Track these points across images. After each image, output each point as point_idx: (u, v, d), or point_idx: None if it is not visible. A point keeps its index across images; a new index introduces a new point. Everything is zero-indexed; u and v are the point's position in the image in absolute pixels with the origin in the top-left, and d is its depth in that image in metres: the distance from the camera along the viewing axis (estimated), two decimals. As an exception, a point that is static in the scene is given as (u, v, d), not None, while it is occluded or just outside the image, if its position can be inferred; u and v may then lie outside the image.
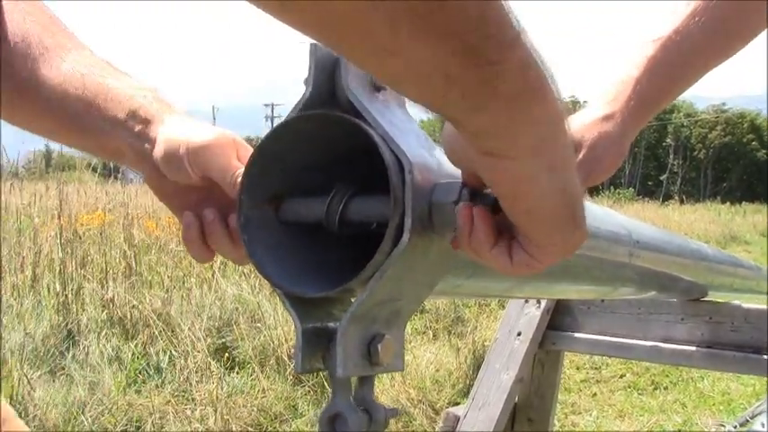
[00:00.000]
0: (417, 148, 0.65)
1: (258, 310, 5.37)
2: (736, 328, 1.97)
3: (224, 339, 5.05)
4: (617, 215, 1.20)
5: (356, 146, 0.64)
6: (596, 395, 5.59)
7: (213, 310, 5.33)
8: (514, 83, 0.45)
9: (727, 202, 40.63)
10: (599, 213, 1.07)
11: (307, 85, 0.67)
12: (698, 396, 5.55)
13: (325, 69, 0.68)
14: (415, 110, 0.60)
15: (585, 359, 6.25)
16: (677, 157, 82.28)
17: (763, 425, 3.91)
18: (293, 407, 4.39)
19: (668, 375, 5.98)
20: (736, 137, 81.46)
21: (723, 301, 2.03)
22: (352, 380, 0.66)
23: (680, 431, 4.78)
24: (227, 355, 4.81)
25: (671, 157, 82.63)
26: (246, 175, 0.69)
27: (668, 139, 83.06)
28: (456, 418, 2.35)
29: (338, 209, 0.67)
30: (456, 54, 0.42)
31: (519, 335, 2.30)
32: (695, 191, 71.76)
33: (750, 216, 30.98)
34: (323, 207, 0.68)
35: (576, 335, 2.23)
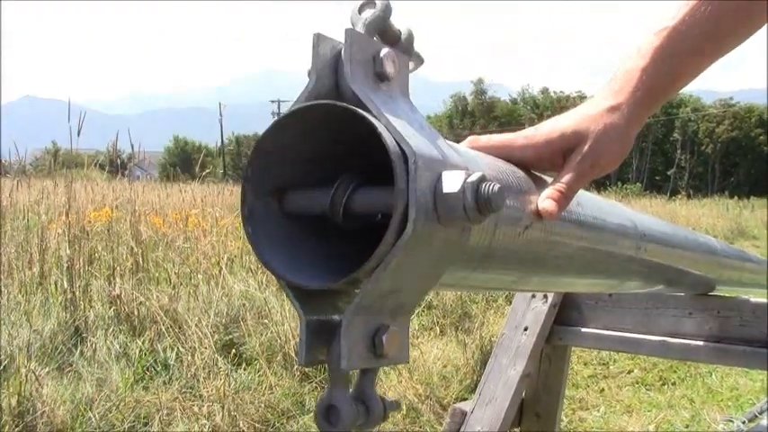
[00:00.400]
0: (421, 139, 0.64)
1: (265, 306, 5.37)
2: (744, 322, 1.96)
3: (231, 336, 5.06)
4: (623, 208, 1.20)
5: (360, 137, 0.63)
6: (604, 391, 5.58)
7: (220, 306, 5.34)
8: None
9: (735, 197, 40.40)
10: (605, 206, 1.07)
11: (310, 76, 0.67)
12: (706, 391, 5.54)
13: (329, 61, 0.67)
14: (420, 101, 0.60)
15: (593, 355, 6.24)
16: (685, 151, 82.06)
17: (771, 420, 3.90)
18: (301, 403, 4.39)
19: (676, 371, 5.97)
20: (743, 131, 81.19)
21: (731, 296, 2.03)
22: (353, 372, 0.65)
23: (688, 427, 4.77)
24: (234, 351, 4.81)
25: (678, 151, 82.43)
26: (250, 166, 0.68)
27: (676, 134, 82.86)
28: (463, 414, 2.35)
29: (342, 200, 0.67)
30: None
31: (526, 330, 2.29)
32: (703, 185, 71.53)
33: (758, 210, 30.86)
34: (327, 198, 0.68)
35: (583, 330, 2.23)
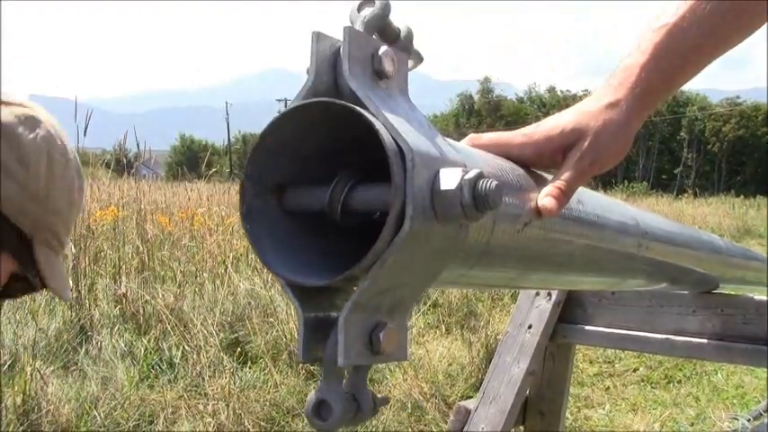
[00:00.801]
0: (419, 136, 0.64)
1: (271, 304, 5.37)
2: (748, 320, 1.96)
3: (236, 334, 5.06)
4: (625, 206, 1.20)
5: (359, 134, 0.64)
6: (609, 389, 5.58)
7: (226, 304, 5.34)
8: None
9: (742, 196, 40.36)
10: (606, 204, 1.07)
11: (309, 74, 0.67)
12: (711, 390, 5.54)
13: (327, 58, 0.67)
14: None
15: (599, 353, 6.24)
16: (691, 150, 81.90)
17: (777, 418, 3.90)
18: (306, 401, 4.40)
19: (681, 369, 5.96)
20: (750, 130, 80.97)
21: (735, 294, 2.02)
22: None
23: (693, 425, 4.76)
24: (239, 349, 4.82)
25: (685, 150, 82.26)
26: (250, 163, 0.68)
27: (682, 133, 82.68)
28: (467, 412, 2.35)
29: (341, 198, 0.67)
30: None
31: (530, 328, 2.29)
32: (709, 184, 71.39)
33: (764, 209, 30.78)
34: (326, 196, 0.68)
35: (587, 328, 2.23)
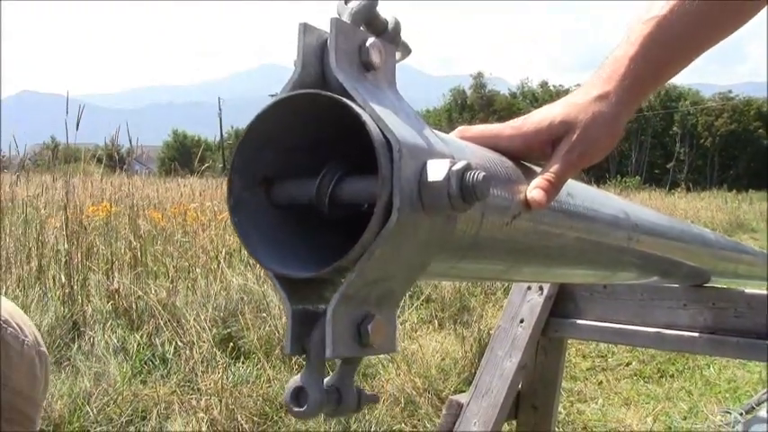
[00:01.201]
0: (407, 128, 0.64)
1: (263, 299, 5.37)
2: (739, 314, 1.97)
3: (229, 329, 5.06)
4: (616, 198, 1.20)
5: (346, 126, 0.63)
6: (602, 383, 5.59)
7: (218, 300, 5.34)
8: None
9: (734, 190, 40.46)
10: (597, 197, 1.07)
11: (296, 65, 0.67)
12: (704, 384, 5.55)
13: (315, 50, 0.67)
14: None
15: (592, 347, 6.25)
16: (684, 145, 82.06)
17: (768, 412, 3.91)
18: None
19: (674, 363, 5.97)
20: (742, 124, 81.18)
21: (726, 287, 2.03)
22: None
23: (686, 419, 4.78)
24: (232, 345, 4.81)
25: (677, 145, 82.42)
26: (237, 156, 0.68)
27: (675, 127, 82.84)
28: (459, 406, 2.35)
29: (328, 189, 0.67)
30: None
31: (522, 322, 2.29)
32: (702, 179, 71.49)
33: (757, 203, 30.91)
34: (313, 188, 0.67)
35: (579, 321, 2.23)
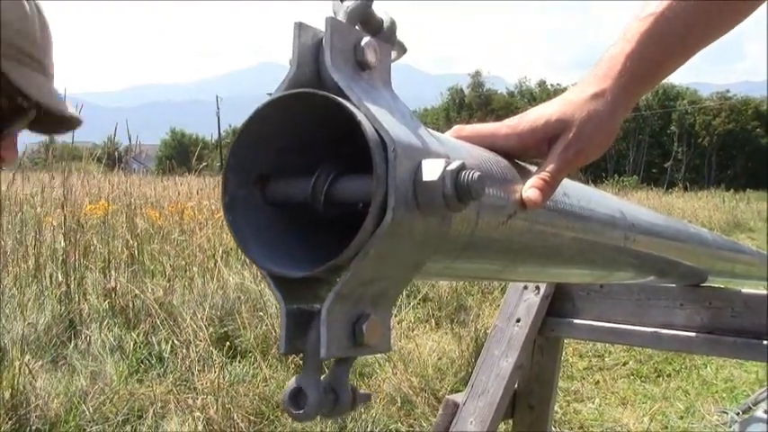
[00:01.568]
0: (402, 127, 0.64)
1: (260, 298, 5.37)
2: (735, 313, 1.96)
3: (226, 328, 5.06)
4: (612, 198, 1.20)
5: (342, 125, 0.63)
6: (599, 383, 5.59)
7: (215, 299, 5.34)
8: None
9: (732, 189, 40.46)
10: (593, 196, 1.06)
11: (292, 64, 0.67)
12: (701, 383, 5.56)
13: (310, 49, 0.67)
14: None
15: (588, 347, 6.26)
16: (681, 144, 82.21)
17: (766, 411, 3.91)
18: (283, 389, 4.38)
19: (671, 363, 5.98)
20: (740, 124, 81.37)
21: (723, 287, 2.03)
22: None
23: (682, 418, 4.78)
24: (228, 344, 4.81)
25: (675, 144, 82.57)
26: (232, 154, 0.68)
27: (672, 127, 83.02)
28: (456, 406, 2.35)
29: (323, 188, 0.67)
30: None
31: (518, 321, 2.29)
32: (699, 178, 71.65)
33: (754, 203, 30.97)
34: (308, 187, 0.67)
35: (576, 321, 2.23)
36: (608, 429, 4.67)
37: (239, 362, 4.69)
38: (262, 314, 5.16)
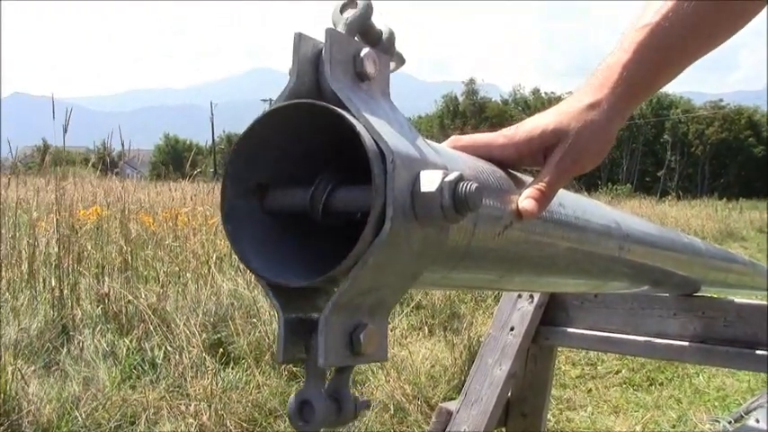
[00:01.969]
0: (400, 138, 0.65)
1: (254, 305, 5.36)
2: (729, 323, 1.97)
3: (219, 335, 5.04)
4: (607, 208, 1.20)
5: (340, 136, 0.64)
6: (591, 391, 5.59)
7: (209, 305, 5.32)
8: None
9: (724, 199, 40.56)
10: (588, 207, 1.07)
11: (291, 75, 0.67)
12: (693, 392, 5.56)
13: (309, 60, 0.67)
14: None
15: (581, 355, 6.26)
16: (674, 153, 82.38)
17: (757, 420, 3.92)
18: (288, 403, 4.38)
19: (663, 371, 5.98)
20: (733, 133, 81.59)
21: (716, 297, 2.04)
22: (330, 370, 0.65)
23: (675, 427, 4.78)
24: (222, 350, 4.80)
25: (668, 153, 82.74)
26: (231, 163, 0.68)
27: (666, 135, 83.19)
28: (449, 414, 2.35)
29: (322, 198, 0.67)
30: None
31: (512, 330, 2.30)
32: (692, 187, 71.75)
33: (747, 212, 31.01)
34: (307, 196, 0.68)
35: (569, 330, 2.23)
36: (600, 438, 4.68)
37: (232, 368, 4.68)
38: (255, 321, 5.15)
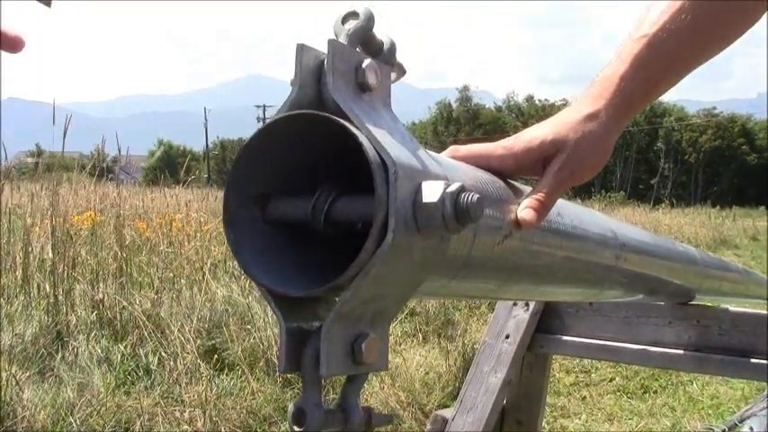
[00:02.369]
0: (402, 149, 0.65)
1: (248, 311, 5.36)
2: (723, 331, 1.98)
3: (214, 341, 5.04)
4: (603, 217, 1.21)
5: (343, 146, 0.64)
6: (586, 398, 5.60)
7: (203, 311, 5.32)
8: None
9: (718, 206, 40.60)
10: (585, 216, 1.08)
11: (293, 85, 0.68)
12: (687, 400, 5.57)
13: (312, 70, 0.68)
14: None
15: (575, 362, 6.26)
16: (668, 160, 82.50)
17: (751, 429, 3.92)
18: (283, 409, 4.38)
19: (657, 379, 5.99)
20: (726, 141, 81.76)
21: (711, 305, 2.04)
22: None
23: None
24: (216, 356, 4.80)
25: (662, 160, 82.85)
26: (233, 173, 0.69)
27: (659, 143, 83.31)
28: (444, 421, 2.35)
29: (323, 208, 0.68)
30: None
31: (507, 338, 2.30)
32: (686, 194, 71.79)
33: (740, 220, 31.10)
34: (309, 206, 0.68)
35: (565, 338, 2.24)
36: (594, 445, 4.69)
37: (227, 375, 4.68)
38: (249, 327, 5.14)
